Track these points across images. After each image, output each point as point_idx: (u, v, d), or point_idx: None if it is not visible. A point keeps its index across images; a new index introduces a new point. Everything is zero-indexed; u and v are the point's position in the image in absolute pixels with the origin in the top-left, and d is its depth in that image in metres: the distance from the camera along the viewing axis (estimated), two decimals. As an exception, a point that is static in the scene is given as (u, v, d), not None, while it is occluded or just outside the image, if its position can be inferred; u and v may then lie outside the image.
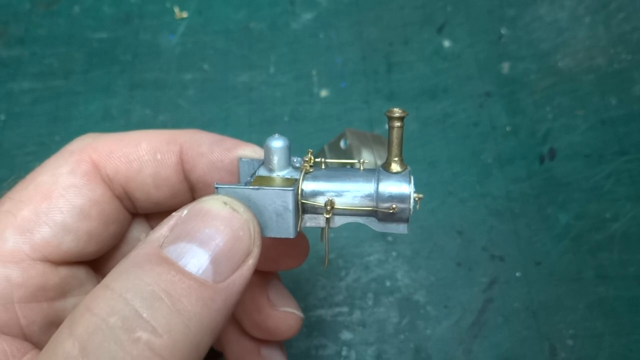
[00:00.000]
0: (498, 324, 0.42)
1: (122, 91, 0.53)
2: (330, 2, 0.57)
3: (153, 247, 0.21)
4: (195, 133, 0.28)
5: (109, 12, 0.57)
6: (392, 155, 0.25)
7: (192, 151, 0.27)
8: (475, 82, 0.52)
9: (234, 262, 0.21)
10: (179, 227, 0.21)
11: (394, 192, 0.24)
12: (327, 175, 0.25)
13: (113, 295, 0.19)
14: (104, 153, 0.26)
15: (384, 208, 0.24)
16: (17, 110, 0.52)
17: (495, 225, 0.45)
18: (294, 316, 0.32)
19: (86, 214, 0.25)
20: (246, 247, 0.22)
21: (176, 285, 0.19)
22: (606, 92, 0.50)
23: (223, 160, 0.27)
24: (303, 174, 0.25)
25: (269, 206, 0.23)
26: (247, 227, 0.22)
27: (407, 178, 0.25)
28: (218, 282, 0.20)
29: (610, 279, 0.43)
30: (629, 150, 0.47)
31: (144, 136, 0.27)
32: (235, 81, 0.53)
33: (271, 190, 0.23)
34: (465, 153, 0.48)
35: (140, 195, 0.27)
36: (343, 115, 0.50)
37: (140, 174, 0.27)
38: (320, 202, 0.24)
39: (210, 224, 0.21)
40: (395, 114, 0.24)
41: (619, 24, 0.54)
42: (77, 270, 0.26)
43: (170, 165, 0.27)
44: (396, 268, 0.44)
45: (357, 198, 0.25)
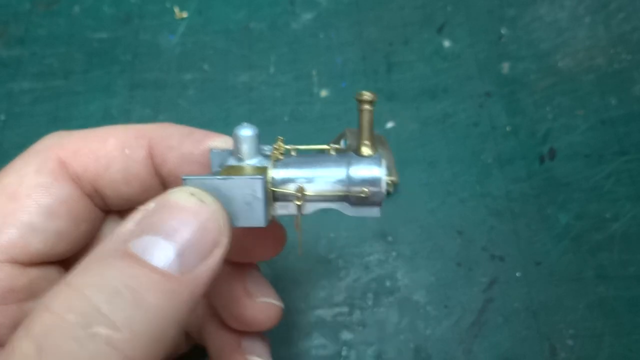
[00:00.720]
0: (498, 324, 0.42)
1: (122, 91, 0.53)
2: (330, 2, 0.57)
3: (118, 243, 0.20)
4: (165, 126, 0.27)
5: (109, 12, 0.57)
6: (363, 138, 0.24)
7: (161, 145, 0.27)
8: (475, 82, 0.52)
9: (201, 254, 0.21)
10: (145, 221, 0.21)
11: (366, 175, 0.24)
12: (297, 162, 0.25)
13: (72, 291, 0.18)
14: (71, 151, 0.26)
15: (356, 192, 0.24)
16: (17, 110, 0.52)
17: (495, 225, 0.45)
18: (273, 306, 0.31)
19: (54, 214, 0.25)
20: (214, 238, 0.21)
21: (138, 278, 0.19)
22: (606, 92, 0.50)
23: (193, 153, 0.26)
24: (273, 162, 0.24)
25: (238, 195, 0.23)
26: (214, 218, 0.21)
27: (378, 161, 0.24)
28: (184, 274, 0.20)
29: (610, 279, 0.43)
30: (629, 150, 0.47)
31: (111, 132, 0.27)
32: (235, 81, 0.53)
33: (239, 179, 0.23)
34: (465, 153, 0.48)
35: (111, 192, 0.27)
36: (343, 115, 0.50)
37: (109, 171, 0.26)
38: (290, 189, 0.24)
39: (176, 215, 0.21)
40: (365, 96, 0.24)
41: (619, 24, 0.54)
42: (47, 271, 0.26)
43: (139, 160, 0.27)
44: (396, 268, 0.44)
45: (328, 183, 0.24)
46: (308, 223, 0.46)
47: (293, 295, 0.43)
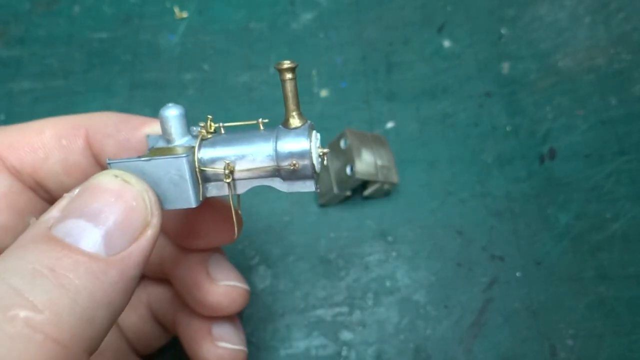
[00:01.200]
0: (498, 324, 0.42)
1: (122, 91, 0.53)
2: (330, 2, 0.57)
3: (41, 229, 0.20)
4: (102, 115, 0.27)
5: (109, 12, 0.57)
6: (289, 110, 0.24)
7: (98, 133, 0.26)
8: (475, 82, 0.52)
9: (129, 234, 0.20)
10: (69, 207, 0.20)
11: (293, 149, 0.23)
12: (225, 140, 0.24)
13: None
14: (6, 145, 0.26)
15: (285, 166, 0.23)
16: (17, 110, 0.52)
17: (495, 225, 0.45)
18: (237, 289, 0.31)
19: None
20: (142, 217, 0.21)
21: (62, 260, 0.19)
22: (606, 92, 0.50)
23: (130, 140, 0.26)
24: (199, 141, 0.24)
25: (165, 177, 0.22)
26: (140, 198, 0.21)
27: (305, 132, 0.24)
28: (112, 255, 0.20)
29: (610, 279, 0.43)
30: (629, 150, 0.47)
31: (47, 124, 0.27)
32: (235, 81, 0.53)
33: (163, 159, 0.22)
34: (465, 153, 0.48)
35: (52, 184, 0.26)
36: (343, 115, 0.50)
37: (47, 162, 0.26)
38: (219, 168, 0.24)
39: (100, 197, 0.20)
40: (285, 65, 0.23)
41: (619, 24, 0.54)
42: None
43: (77, 150, 0.26)
44: (396, 268, 0.44)
45: (257, 159, 0.24)
46: (308, 223, 0.46)
47: (293, 295, 0.43)
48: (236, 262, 0.44)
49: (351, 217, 0.46)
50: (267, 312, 0.43)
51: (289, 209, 0.46)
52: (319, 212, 0.46)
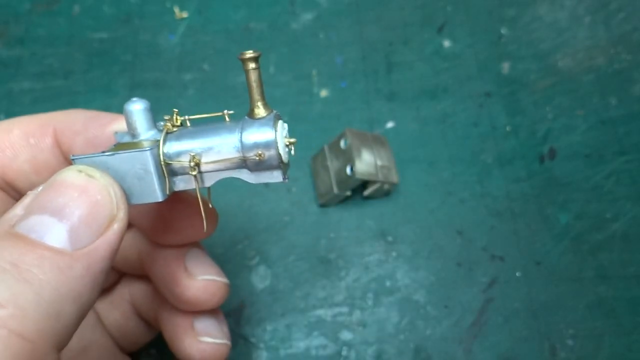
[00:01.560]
0: (498, 324, 0.42)
1: (122, 91, 0.53)
2: (330, 2, 0.57)
3: (3, 227, 0.20)
4: (70, 112, 0.27)
5: (109, 12, 0.57)
6: (253, 100, 0.23)
7: (67, 131, 0.26)
8: (475, 82, 0.52)
9: (94, 228, 0.20)
10: (32, 204, 0.20)
11: (258, 139, 0.23)
12: (191, 133, 0.24)
13: None
14: None
15: (251, 157, 0.23)
16: (17, 110, 0.52)
17: (495, 225, 0.45)
18: (216, 283, 0.31)
19: None
20: (107, 211, 0.21)
21: (25, 256, 0.19)
22: (606, 92, 0.50)
23: (99, 137, 0.26)
24: (164, 134, 0.24)
25: (130, 171, 0.22)
26: (105, 192, 0.21)
27: (270, 122, 0.23)
28: (78, 250, 0.20)
29: (610, 279, 0.43)
30: (629, 150, 0.47)
31: (15, 123, 0.26)
32: (235, 81, 0.53)
33: (127, 153, 0.22)
34: (465, 153, 0.48)
35: (22, 184, 0.26)
36: (343, 115, 0.50)
37: (15, 161, 0.26)
38: (185, 161, 0.23)
39: (64, 193, 0.20)
40: (248, 55, 0.22)
41: (619, 24, 0.54)
42: None
43: (46, 149, 0.26)
44: (396, 268, 0.44)
45: (222, 152, 0.23)
46: (308, 223, 0.46)
47: (293, 295, 0.43)
48: (236, 262, 0.44)
49: (351, 217, 0.46)
50: (267, 312, 0.43)
51: (289, 209, 0.46)
52: (319, 212, 0.46)
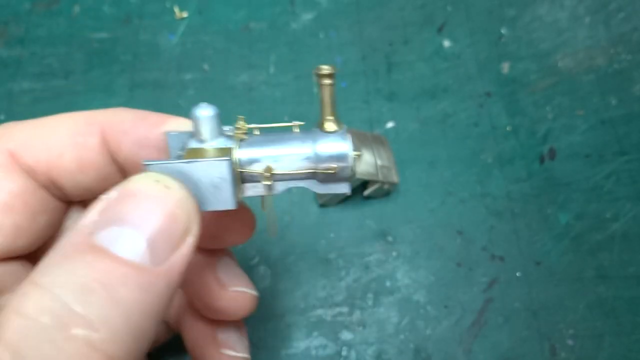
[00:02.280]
0: (498, 324, 0.42)
1: (122, 91, 0.53)
2: (330, 2, 0.57)
3: (82, 235, 0.19)
4: (117, 111, 0.27)
5: (109, 12, 0.57)
6: (326, 114, 0.24)
7: (114, 131, 0.26)
8: (475, 82, 0.52)
9: (172, 243, 0.20)
10: (109, 211, 0.20)
11: (333, 151, 0.24)
12: (262, 141, 0.24)
13: (42, 292, 0.18)
14: (20, 142, 0.25)
15: (324, 169, 0.23)
16: (17, 110, 0.52)
17: (495, 225, 0.45)
18: (246, 295, 0.30)
19: (9, 207, 0.24)
20: (183, 225, 0.20)
21: (111, 273, 0.18)
22: (606, 92, 0.50)
23: (149, 137, 0.26)
24: (237, 142, 0.24)
25: (205, 179, 0.22)
26: (182, 204, 0.20)
27: (344, 136, 0.24)
28: (157, 266, 0.19)
29: (610, 279, 0.43)
30: (629, 150, 0.47)
31: (62, 120, 0.26)
32: (235, 81, 0.53)
33: (205, 162, 0.22)
34: (465, 153, 0.48)
35: (67, 182, 0.26)
36: (343, 115, 0.50)
37: (62, 160, 0.25)
38: (258, 170, 0.24)
39: (142, 204, 0.20)
40: (324, 71, 0.23)
41: (619, 24, 0.54)
42: (10, 267, 0.25)
43: (92, 148, 0.26)
44: (396, 268, 0.44)
45: (295, 161, 0.24)
46: (308, 223, 0.46)
47: (293, 295, 0.43)
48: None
49: (351, 217, 0.46)
50: (267, 312, 0.43)
51: (289, 209, 0.46)
52: (319, 212, 0.46)
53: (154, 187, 0.20)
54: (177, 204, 0.20)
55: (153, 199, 0.20)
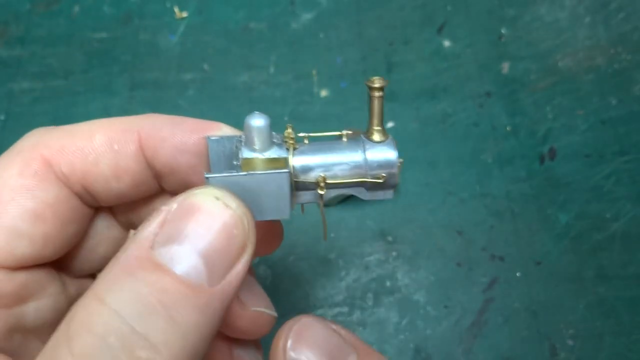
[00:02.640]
0: (498, 324, 0.42)
1: (122, 91, 0.53)
2: (330, 2, 0.57)
3: (143, 248, 0.20)
4: (154, 117, 0.26)
5: (109, 12, 0.57)
6: (373, 125, 0.25)
7: (152, 137, 0.26)
8: (475, 82, 0.52)
9: (228, 262, 0.20)
10: (169, 226, 0.20)
11: (382, 159, 0.24)
12: (313, 150, 0.25)
13: (109, 311, 0.18)
14: (56, 149, 0.25)
15: (373, 176, 0.24)
16: (17, 110, 0.52)
17: (495, 225, 0.45)
18: (266, 316, 0.30)
19: (40, 217, 0.24)
20: (240, 244, 0.21)
21: (171, 294, 0.19)
22: (606, 92, 0.50)
23: (187, 143, 0.25)
24: (291, 151, 0.24)
25: (264, 190, 0.23)
26: (240, 224, 0.21)
27: (392, 145, 0.25)
28: (213, 286, 0.20)
29: (610, 279, 0.43)
30: (629, 150, 0.47)
31: (98, 126, 0.26)
32: (235, 81, 0.53)
33: (266, 174, 0.23)
34: (465, 153, 0.48)
35: (101, 189, 0.26)
36: (343, 115, 0.50)
37: (97, 167, 0.25)
38: (312, 179, 0.24)
39: (201, 222, 0.20)
40: (376, 83, 0.24)
41: (619, 24, 0.54)
42: (37, 274, 0.25)
43: (129, 155, 0.26)
44: (396, 268, 0.44)
45: (346, 169, 0.25)
46: (308, 223, 0.46)
47: (293, 295, 0.43)
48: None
49: (351, 217, 0.46)
50: (267, 312, 0.43)
51: (289, 209, 0.46)
52: (319, 212, 0.46)
53: (214, 205, 0.20)
54: (236, 224, 0.21)
55: (213, 217, 0.20)
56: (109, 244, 0.28)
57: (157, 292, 0.19)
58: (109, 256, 0.27)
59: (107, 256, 0.28)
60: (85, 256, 0.28)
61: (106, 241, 0.28)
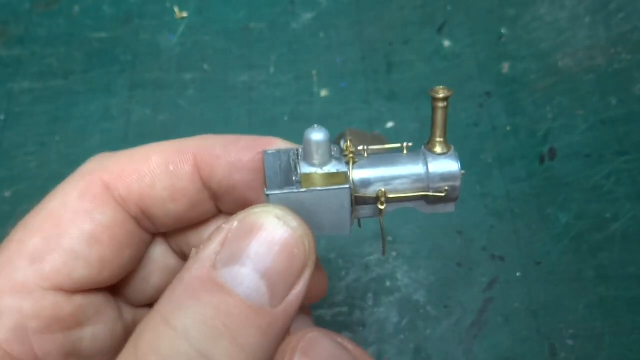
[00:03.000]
0: (498, 324, 0.42)
1: (122, 91, 0.53)
2: (330, 2, 0.57)
3: (206, 269, 0.20)
4: (207, 138, 0.27)
5: (109, 12, 0.57)
6: (435, 136, 0.24)
7: (206, 156, 0.26)
8: (475, 82, 0.52)
9: (289, 283, 0.21)
10: (231, 245, 0.20)
11: (445, 171, 0.24)
12: (372, 163, 0.24)
13: (175, 334, 0.19)
14: (115, 173, 0.25)
15: (436, 190, 0.24)
16: (17, 110, 0.52)
17: (495, 225, 0.45)
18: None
19: (97, 240, 0.24)
20: (301, 264, 0.21)
21: (236, 316, 0.19)
22: (606, 92, 0.50)
23: (242, 160, 0.26)
24: (349, 165, 0.24)
25: (324, 205, 0.23)
26: (301, 244, 0.21)
27: (455, 157, 0.24)
28: (275, 306, 0.20)
29: (610, 279, 0.43)
30: (629, 150, 0.47)
31: (153, 149, 0.26)
32: (235, 81, 0.53)
33: (326, 191, 0.22)
34: (465, 153, 0.48)
35: (158, 211, 0.26)
36: (343, 115, 0.50)
37: (154, 189, 0.26)
38: (372, 194, 0.24)
39: (263, 243, 0.20)
40: (440, 94, 0.23)
41: (619, 24, 0.54)
42: (94, 298, 0.25)
43: (185, 176, 0.26)
44: (396, 268, 0.44)
45: (407, 183, 0.24)
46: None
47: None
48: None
49: (351, 217, 0.46)
50: (267, 312, 0.43)
51: (289, 209, 0.46)
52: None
53: (275, 225, 0.21)
54: (297, 244, 0.21)
55: (274, 237, 0.20)
56: (163, 273, 0.29)
57: (221, 314, 0.19)
58: (163, 286, 0.27)
59: (162, 286, 0.28)
60: (140, 285, 0.28)
61: (161, 270, 0.29)
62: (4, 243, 0.24)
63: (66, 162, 0.49)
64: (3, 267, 0.23)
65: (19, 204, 0.47)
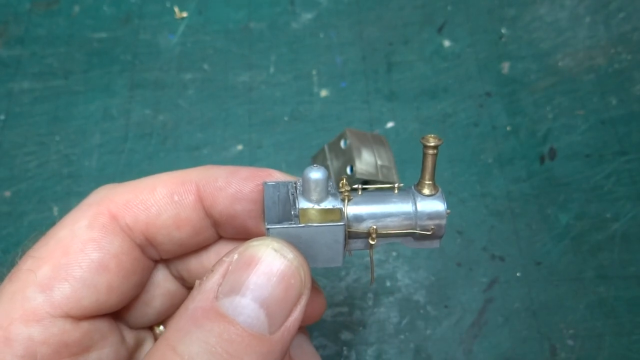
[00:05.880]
0: (498, 324, 0.42)
1: (122, 91, 0.53)
2: (330, 2, 0.57)
3: (209, 299, 0.21)
4: (209, 168, 0.28)
5: (109, 12, 0.57)
6: (425, 179, 0.26)
7: (209, 187, 0.27)
8: (475, 82, 0.52)
9: (286, 310, 0.22)
10: (232, 277, 0.22)
11: (432, 211, 0.26)
12: (365, 201, 0.26)
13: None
14: (121, 203, 0.27)
15: (423, 228, 0.26)
16: (17, 110, 0.52)
17: (495, 225, 0.45)
18: None
19: (105, 268, 0.25)
20: (297, 293, 0.22)
21: (236, 344, 0.20)
22: (606, 92, 0.50)
23: (242, 191, 0.27)
24: (344, 202, 0.25)
25: (319, 240, 0.24)
26: (297, 274, 0.22)
27: (441, 199, 0.26)
28: (273, 333, 0.21)
29: (610, 279, 0.43)
30: (629, 150, 0.47)
31: (158, 180, 0.28)
32: (235, 81, 0.53)
33: (323, 227, 0.24)
34: (465, 153, 0.48)
35: (163, 239, 0.27)
36: (343, 115, 0.50)
37: (160, 219, 0.27)
38: (364, 229, 0.26)
39: (262, 274, 0.22)
40: (430, 142, 0.25)
41: (619, 24, 0.54)
42: (99, 323, 0.26)
43: (188, 205, 0.27)
44: (396, 268, 0.44)
45: (396, 221, 0.26)
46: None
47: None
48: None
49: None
50: (267, 312, 0.43)
51: (289, 209, 0.46)
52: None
53: (273, 257, 0.22)
54: (293, 274, 0.22)
55: (272, 269, 0.22)
56: (164, 297, 0.30)
57: (223, 342, 0.20)
58: (164, 309, 0.30)
59: (162, 309, 0.30)
60: (142, 308, 0.29)
61: (162, 294, 0.30)
62: (14, 272, 0.25)
63: (66, 162, 0.49)
64: (14, 295, 0.24)
65: (19, 204, 0.47)
